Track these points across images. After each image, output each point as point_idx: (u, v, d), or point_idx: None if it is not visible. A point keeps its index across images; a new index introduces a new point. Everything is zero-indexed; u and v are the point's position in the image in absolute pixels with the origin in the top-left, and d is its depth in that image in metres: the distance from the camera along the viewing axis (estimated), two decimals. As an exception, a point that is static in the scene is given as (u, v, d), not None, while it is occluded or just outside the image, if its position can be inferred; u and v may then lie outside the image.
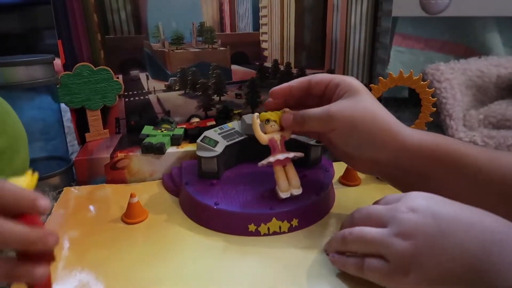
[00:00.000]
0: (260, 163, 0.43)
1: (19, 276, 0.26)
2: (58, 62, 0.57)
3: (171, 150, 0.57)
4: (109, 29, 0.59)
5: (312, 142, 0.51)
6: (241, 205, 0.44)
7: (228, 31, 0.64)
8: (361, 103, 0.39)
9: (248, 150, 0.54)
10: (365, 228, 0.33)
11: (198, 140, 0.50)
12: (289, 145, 0.48)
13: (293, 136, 0.54)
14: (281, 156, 0.43)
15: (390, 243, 0.30)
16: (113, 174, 0.55)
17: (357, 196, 0.52)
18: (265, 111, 0.44)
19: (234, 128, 0.54)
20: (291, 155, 0.44)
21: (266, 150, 0.55)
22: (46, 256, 0.27)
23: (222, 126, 0.54)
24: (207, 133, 0.52)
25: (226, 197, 0.46)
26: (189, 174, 0.51)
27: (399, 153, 0.38)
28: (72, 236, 0.44)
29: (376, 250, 0.31)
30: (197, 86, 0.65)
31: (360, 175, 0.56)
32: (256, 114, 0.43)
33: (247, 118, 0.54)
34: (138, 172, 0.56)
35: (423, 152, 0.38)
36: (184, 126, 0.61)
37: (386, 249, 0.30)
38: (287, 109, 0.44)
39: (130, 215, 0.46)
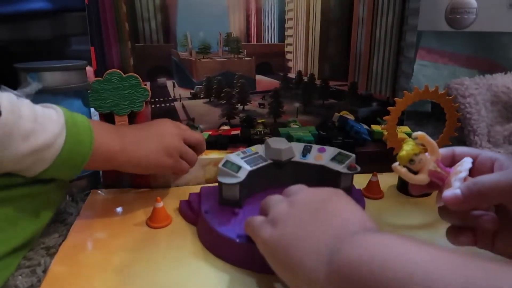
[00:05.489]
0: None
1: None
2: (88, 68, 0.59)
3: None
4: (139, 37, 0.60)
5: (343, 169, 0.48)
6: None
7: (254, 41, 0.65)
8: None
9: (273, 176, 0.51)
10: (254, 217, 0.37)
11: (220, 165, 0.47)
12: (319, 173, 0.46)
13: (322, 162, 0.49)
14: (458, 184, 0.33)
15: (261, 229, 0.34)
16: (138, 178, 0.57)
17: (380, 209, 0.52)
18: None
19: (257, 153, 0.51)
20: (464, 173, 0.34)
21: (292, 176, 0.50)
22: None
23: (245, 150, 0.51)
24: (229, 157, 0.48)
25: None
26: (209, 201, 0.47)
27: None
28: (99, 238, 0.45)
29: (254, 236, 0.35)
30: (222, 95, 0.66)
31: (383, 188, 0.56)
32: (395, 164, 0.36)
33: (271, 142, 0.51)
34: (162, 177, 0.57)
35: None
36: (210, 132, 0.62)
37: (257, 237, 0.34)
38: (420, 134, 0.35)
39: (155, 220, 0.47)
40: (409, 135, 0.63)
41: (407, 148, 0.35)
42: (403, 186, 0.57)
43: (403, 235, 0.25)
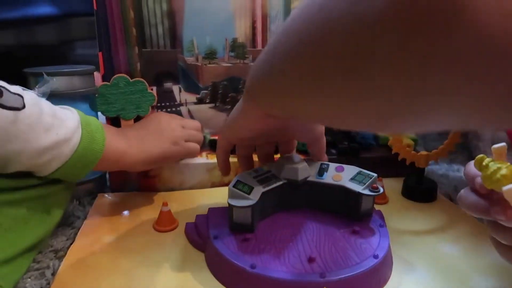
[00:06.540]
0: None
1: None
2: (96, 73, 0.59)
3: (199, 160, 0.58)
4: (146, 42, 0.61)
5: (364, 191, 0.43)
6: (284, 269, 0.36)
7: (259, 47, 0.65)
8: None
9: (287, 197, 0.47)
10: None
11: (230, 186, 0.42)
12: (337, 194, 0.45)
13: (341, 182, 0.46)
14: None
15: None
16: (145, 182, 0.57)
17: (384, 214, 0.51)
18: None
19: (270, 171, 0.46)
20: None
21: (308, 198, 0.47)
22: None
23: (256, 168, 0.47)
24: (240, 177, 0.44)
25: (263, 257, 0.38)
26: (218, 225, 0.44)
27: None
28: (106, 241, 0.45)
29: None
30: (227, 100, 0.67)
31: (388, 193, 0.56)
32: (509, 187, 0.27)
33: (285, 159, 0.47)
34: (168, 181, 0.57)
35: None
36: (216, 137, 0.62)
37: None
38: (503, 145, 0.30)
39: (162, 223, 0.48)
40: (415, 140, 0.63)
41: (503, 165, 0.29)
42: (407, 191, 0.57)
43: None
